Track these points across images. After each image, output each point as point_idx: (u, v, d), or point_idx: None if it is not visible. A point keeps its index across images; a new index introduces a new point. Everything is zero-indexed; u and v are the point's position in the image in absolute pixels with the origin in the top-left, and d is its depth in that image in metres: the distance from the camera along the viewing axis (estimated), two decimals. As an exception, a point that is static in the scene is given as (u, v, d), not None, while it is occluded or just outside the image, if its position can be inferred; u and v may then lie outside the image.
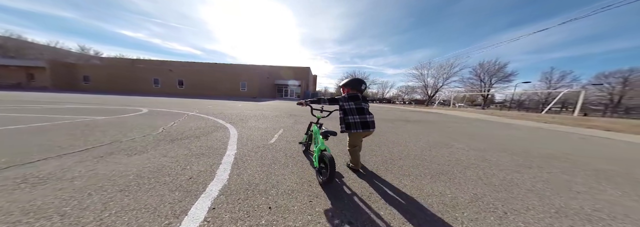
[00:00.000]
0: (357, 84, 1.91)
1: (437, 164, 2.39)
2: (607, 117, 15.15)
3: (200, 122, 4.46)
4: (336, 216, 1.26)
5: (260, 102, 14.18)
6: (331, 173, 1.48)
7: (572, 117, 11.42)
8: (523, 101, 37.99)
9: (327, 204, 1.39)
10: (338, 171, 2.00)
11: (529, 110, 33.31)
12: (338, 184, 1.71)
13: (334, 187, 1.65)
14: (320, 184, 1.67)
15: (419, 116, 9.56)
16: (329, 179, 1.52)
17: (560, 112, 30.00)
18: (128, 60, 38.36)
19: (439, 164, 2.37)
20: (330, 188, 1.63)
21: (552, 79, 34.70)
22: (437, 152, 2.90)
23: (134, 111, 5.83)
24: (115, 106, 7.01)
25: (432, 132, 4.76)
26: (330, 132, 1.68)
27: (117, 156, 2.15)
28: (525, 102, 37.95)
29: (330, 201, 1.44)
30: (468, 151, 3.10)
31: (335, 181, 1.74)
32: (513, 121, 9.07)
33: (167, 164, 1.98)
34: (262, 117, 6.02)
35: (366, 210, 1.34)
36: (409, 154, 2.75)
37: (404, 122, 6.59)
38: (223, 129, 3.90)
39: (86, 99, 10.06)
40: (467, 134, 4.84)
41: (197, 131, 3.59)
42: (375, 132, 2.12)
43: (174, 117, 5.01)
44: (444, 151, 2.99)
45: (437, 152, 2.94)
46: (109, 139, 2.78)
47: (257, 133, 3.66)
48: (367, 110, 1.89)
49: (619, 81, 31.61)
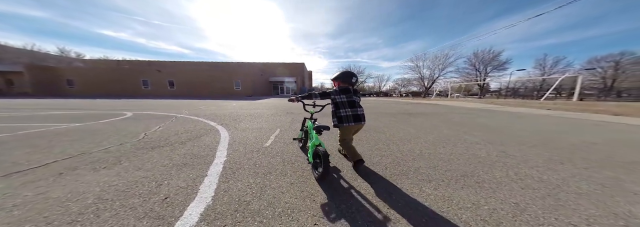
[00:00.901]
0: (348, 77, 1.89)
1: (457, 163, 2.11)
2: (602, 101, 15.19)
3: (188, 125, 4.08)
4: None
5: (256, 101, 13.73)
6: (325, 168, 1.50)
7: (573, 102, 11.34)
8: (518, 89, 38.19)
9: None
10: (341, 170, 1.70)
11: (526, 97, 33.59)
12: (352, 200, 1.40)
13: (346, 204, 1.34)
14: (316, 179, 1.65)
15: (420, 108, 9.31)
16: (323, 174, 1.53)
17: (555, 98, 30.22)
18: (113, 62, 36.91)
19: (459, 164, 2.08)
20: (340, 205, 1.32)
21: (546, 66, 34.84)
22: (452, 149, 2.62)
23: (117, 115, 5.38)
24: (98, 111, 6.53)
25: (439, 126, 4.49)
26: (323, 127, 1.67)
27: (82, 171, 1.80)
28: (519, 89, 38.16)
29: (343, 224, 1.13)
30: (485, 145, 2.83)
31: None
32: (516, 109, 8.89)
33: (141, 180, 1.64)
34: (257, 116, 5.66)
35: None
36: (422, 153, 2.46)
37: (407, 116, 6.31)
38: (213, 132, 3.54)
39: (69, 104, 9.46)
40: (476, 125, 4.59)
41: (183, 135, 3.23)
42: (380, 129, 2.03)
43: (160, 121, 4.61)
44: (459, 147, 2.71)
45: (452, 148, 2.66)
46: (77, 150, 2.41)
47: (251, 135, 3.32)
48: (358, 104, 1.88)
49: (611, 65, 31.87)
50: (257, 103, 11.18)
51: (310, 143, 1.80)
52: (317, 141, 1.68)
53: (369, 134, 3.50)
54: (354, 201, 1.36)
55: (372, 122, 4.99)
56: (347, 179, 1.72)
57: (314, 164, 1.73)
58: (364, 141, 3.00)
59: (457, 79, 37.81)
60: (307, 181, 1.67)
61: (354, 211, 1.26)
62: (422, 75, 38.73)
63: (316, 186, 1.58)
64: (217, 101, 12.48)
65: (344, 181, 1.69)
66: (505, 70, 35.12)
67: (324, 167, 1.50)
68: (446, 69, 36.94)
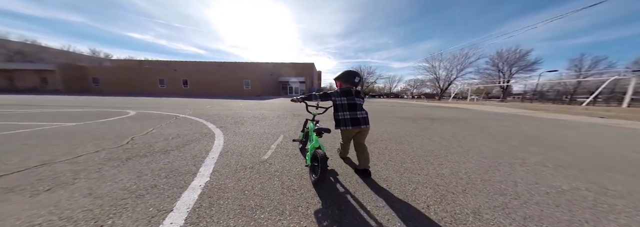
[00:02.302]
0: (350, 77, 1.77)
1: (534, 202, 1.42)
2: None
3: (184, 128, 3.68)
4: None
5: (263, 101, 13.43)
6: (322, 172, 1.43)
7: (625, 109, 9.75)
8: (545, 92, 34.78)
9: None
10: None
11: (556, 101, 30.60)
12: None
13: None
14: (312, 183, 1.58)
15: (442, 112, 8.39)
16: (320, 178, 1.47)
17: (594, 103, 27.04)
18: (136, 62, 38.90)
19: (539, 204, 1.40)
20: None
21: (583, 67, 31.32)
22: (514, 175, 1.92)
23: (119, 114, 5.17)
24: (104, 109, 6.43)
25: (475, 136, 3.72)
26: (324, 129, 1.61)
27: (13, 196, 1.35)
28: (547, 92, 34.73)
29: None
30: (557, 170, 2.09)
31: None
32: (557, 115, 7.70)
33: (77, 216, 1.16)
34: (261, 118, 5.19)
35: None
36: (472, 179, 1.79)
37: (429, 121, 5.53)
38: (208, 137, 3.08)
39: (82, 101, 9.69)
40: (523, 137, 3.76)
41: (173, 141, 2.79)
42: (402, 138, 2.17)
43: (159, 121, 4.27)
44: (521, 172, 2.00)
45: (511, 173, 1.96)
46: (41, 159, 2.02)
47: (249, 142, 2.81)
48: (360, 106, 1.77)
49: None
50: (264, 103, 10.82)
51: (310, 145, 1.73)
52: (316, 143, 1.63)
53: (390, 145, 2.86)
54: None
55: (390, 127, 4.32)
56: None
57: (311, 167, 1.68)
58: (386, 155, 2.38)
59: (476, 80, 35.37)
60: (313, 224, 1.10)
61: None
62: (437, 76, 36.68)
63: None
64: (225, 100, 12.32)
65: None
66: (533, 72, 32.18)
67: (321, 171, 1.43)
68: (465, 69, 34.67)
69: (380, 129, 4.06)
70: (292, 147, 2.63)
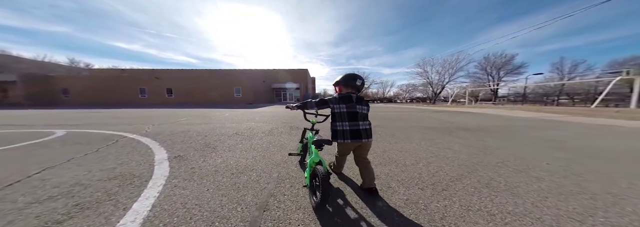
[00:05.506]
0: (351, 80, 1.50)
1: None
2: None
3: (106, 164, 2.17)
4: None
5: (254, 109, 11.92)
6: (324, 194, 1.14)
7: (634, 109, 9.15)
8: (528, 94, 35.55)
9: None
10: None
11: (546, 103, 31.04)
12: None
13: None
14: (313, 209, 1.26)
15: (462, 118, 7.27)
16: (322, 202, 1.17)
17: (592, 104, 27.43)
18: (117, 71, 36.46)
19: None
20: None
21: (564, 70, 32.44)
22: None
23: (37, 137, 3.55)
24: (26, 128, 4.74)
25: (573, 160, 2.48)
26: (324, 141, 1.36)
27: None
28: (528, 94, 35.56)
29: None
30: None
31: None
32: (595, 120, 6.76)
33: None
34: (248, 136, 3.75)
35: None
36: None
37: (471, 134, 4.29)
38: (133, 187, 1.61)
39: (16, 116, 7.80)
40: (601, 153, 2.56)
41: (46, 205, 1.31)
42: (483, 174, 1.66)
43: (79, 149, 2.72)
44: None
45: None
46: None
47: (207, 203, 1.37)
48: (362, 116, 1.45)
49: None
50: (255, 113, 9.32)
51: (309, 159, 1.42)
52: (316, 157, 1.37)
53: (483, 200, 1.51)
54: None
55: (434, 148, 2.90)
56: None
57: (311, 188, 1.36)
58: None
59: (467, 84, 35.67)
60: None
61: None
62: (430, 80, 36.69)
63: None
64: (210, 110, 10.70)
65: None
66: (520, 75, 32.95)
67: (322, 193, 1.14)
68: (457, 73, 34.97)
69: (425, 153, 2.66)
70: (296, 206, 1.23)
